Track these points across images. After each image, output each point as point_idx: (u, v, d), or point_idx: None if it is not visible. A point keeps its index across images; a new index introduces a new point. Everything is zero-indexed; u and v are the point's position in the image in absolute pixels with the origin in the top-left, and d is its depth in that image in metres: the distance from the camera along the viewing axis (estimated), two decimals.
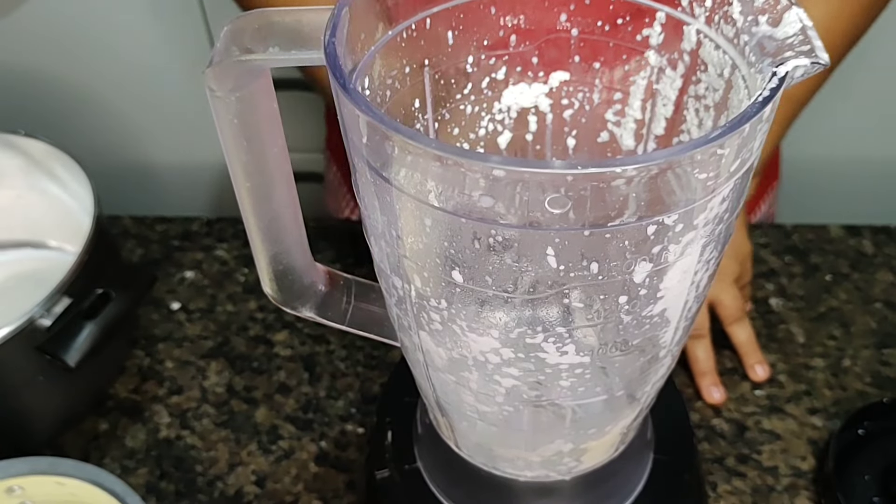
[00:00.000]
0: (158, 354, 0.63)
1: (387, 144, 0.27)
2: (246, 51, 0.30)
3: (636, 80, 0.37)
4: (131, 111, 0.88)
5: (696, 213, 0.27)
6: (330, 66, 0.28)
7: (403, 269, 0.32)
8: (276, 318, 0.65)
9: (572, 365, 0.32)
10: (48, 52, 0.83)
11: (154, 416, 0.59)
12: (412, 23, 0.33)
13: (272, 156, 0.35)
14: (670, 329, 0.33)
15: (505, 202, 0.26)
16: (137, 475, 0.56)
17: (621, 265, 0.28)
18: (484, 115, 0.39)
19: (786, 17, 0.28)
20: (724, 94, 0.32)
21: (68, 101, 0.87)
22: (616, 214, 0.26)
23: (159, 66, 0.83)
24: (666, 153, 0.25)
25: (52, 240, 0.68)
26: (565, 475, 0.41)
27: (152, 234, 0.72)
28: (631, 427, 0.40)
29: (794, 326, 0.63)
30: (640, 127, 0.38)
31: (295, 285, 0.40)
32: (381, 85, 0.34)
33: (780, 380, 0.60)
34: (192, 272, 0.69)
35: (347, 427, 0.58)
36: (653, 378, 0.36)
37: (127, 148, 0.91)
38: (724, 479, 0.54)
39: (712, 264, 0.32)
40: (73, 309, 0.51)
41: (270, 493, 0.55)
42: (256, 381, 0.61)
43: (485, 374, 0.34)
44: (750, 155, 0.28)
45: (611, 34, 0.36)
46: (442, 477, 0.44)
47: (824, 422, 0.57)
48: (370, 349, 0.63)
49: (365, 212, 0.32)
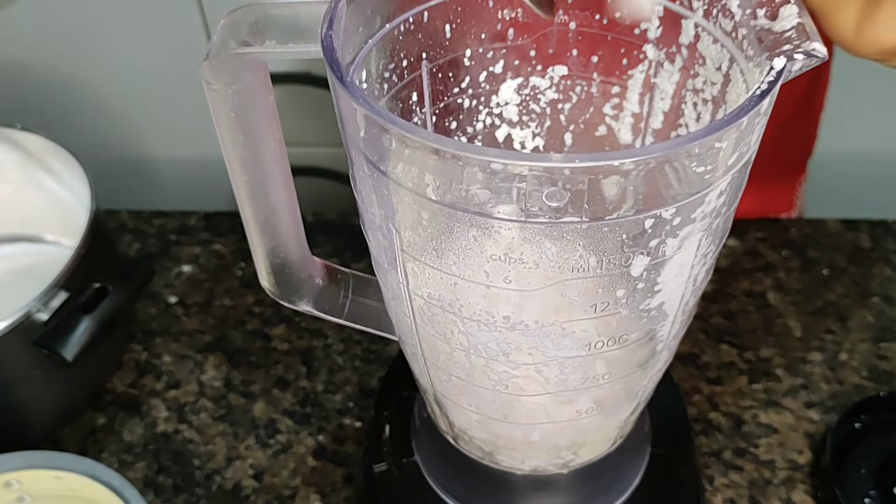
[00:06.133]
0: (156, 349, 0.63)
1: (384, 138, 0.27)
2: (243, 44, 0.30)
3: (634, 73, 0.37)
4: (128, 105, 0.87)
5: (694, 206, 0.27)
6: (327, 59, 0.28)
7: (401, 262, 0.32)
8: (273, 312, 0.65)
9: (570, 358, 0.32)
10: (44, 45, 0.82)
11: (152, 410, 0.59)
12: (410, 16, 0.33)
13: (269, 149, 0.35)
14: (668, 323, 0.33)
15: (502, 196, 0.26)
16: (135, 469, 0.56)
17: (619, 259, 0.28)
18: (482, 109, 0.39)
19: (783, 11, 0.28)
20: (722, 88, 0.32)
21: (65, 95, 0.86)
22: (614, 208, 0.26)
23: (156, 60, 0.83)
24: (663, 146, 0.25)
25: (48, 234, 0.68)
26: (563, 468, 0.41)
27: (149, 228, 0.72)
28: (628, 421, 0.40)
29: (791, 320, 0.63)
30: (637, 121, 0.38)
31: (292, 279, 0.40)
32: (378, 78, 0.34)
33: (777, 373, 0.60)
34: (189, 266, 0.69)
35: (345, 421, 0.58)
36: (650, 372, 0.36)
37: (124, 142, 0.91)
38: (721, 472, 0.55)
39: (710, 258, 0.32)
40: (70, 303, 0.51)
41: (268, 486, 0.55)
42: (254, 376, 0.61)
43: (483, 367, 0.34)
44: (748, 149, 0.28)
45: (609, 28, 0.36)
46: (440, 470, 0.44)
47: (821, 415, 0.57)
48: (368, 343, 0.63)
49: (362, 205, 0.32)
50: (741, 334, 0.62)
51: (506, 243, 0.28)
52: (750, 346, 0.61)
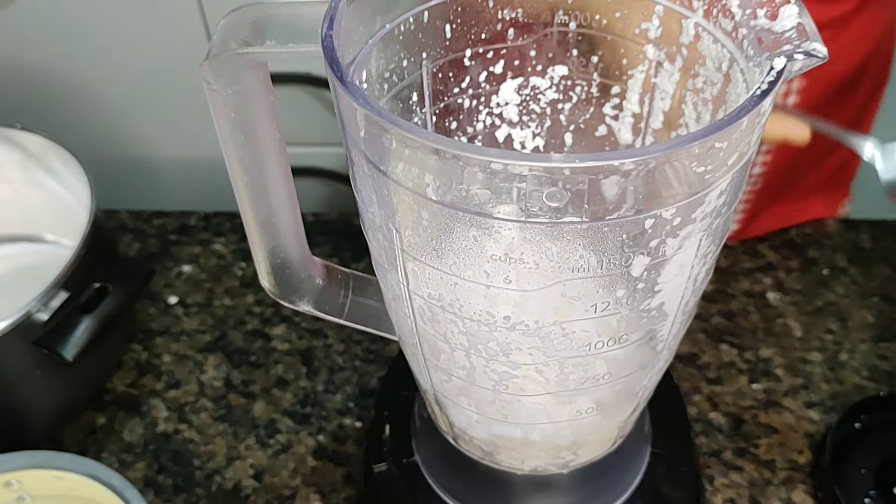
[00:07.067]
0: (156, 349, 0.63)
1: (384, 138, 0.27)
2: (243, 44, 0.30)
3: (634, 73, 0.37)
4: (128, 105, 0.87)
5: (694, 206, 0.27)
6: (327, 59, 0.28)
7: (401, 262, 0.32)
8: (273, 312, 0.65)
9: (570, 358, 0.32)
10: (44, 45, 0.82)
11: (152, 410, 0.59)
12: (410, 16, 0.33)
13: (269, 149, 0.35)
14: (668, 323, 0.33)
15: (503, 196, 0.26)
16: (135, 469, 0.56)
17: (619, 259, 0.28)
18: (482, 109, 0.39)
19: (783, 11, 0.28)
20: (723, 88, 0.32)
21: (65, 95, 0.86)
22: (614, 208, 0.26)
23: (156, 60, 0.83)
24: (664, 146, 0.25)
25: (49, 234, 0.68)
26: (563, 468, 0.41)
27: (149, 228, 0.72)
28: (628, 421, 0.40)
29: (791, 320, 0.63)
30: (637, 121, 0.38)
31: (292, 279, 0.40)
32: (378, 78, 0.34)
33: (777, 374, 0.60)
34: (189, 266, 0.69)
35: (345, 421, 0.58)
36: (650, 372, 0.36)
37: (124, 142, 0.91)
38: (721, 472, 0.55)
39: (710, 258, 0.32)
40: (70, 303, 0.51)
41: (268, 486, 0.55)
42: (254, 376, 0.61)
43: (483, 367, 0.34)
44: (748, 149, 0.28)
45: (608, 28, 0.36)
46: (440, 470, 0.44)
47: (821, 415, 0.57)
48: (368, 343, 0.63)
49: (362, 205, 0.32)
50: (741, 334, 0.62)
51: (506, 243, 0.28)
52: (750, 346, 0.61)
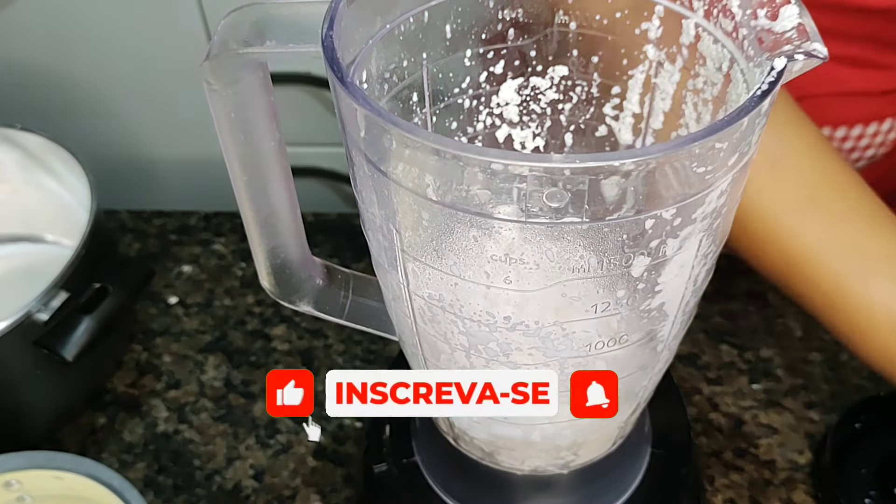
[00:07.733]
0: (156, 349, 0.63)
1: (385, 138, 0.27)
2: (243, 44, 0.30)
3: (634, 74, 0.37)
4: (128, 105, 0.87)
5: (695, 207, 0.27)
6: (327, 60, 0.28)
7: (401, 263, 0.32)
8: (273, 312, 0.65)
9: (570, 359, 0.32)
10: (44, 45, 0.82)
11: (152, 410, 0.59)
12: (410, 16, 0.33)
13: (269, 150, 0.35)
14: (668, 323, 0.33)
15: (503, 196, 0.26)
16: (135, 469, 0.56)
17: (619, 259, 0.28)
18: (482, 110, 0.39)
19: (784, 11, 0.28)
20: (723, 89, 0.32)
21: (65, 95, 0.86)
22: (614, 208, 0.26)
23: (156, 60, 0.83)
24: (664, 147, 0.25)
25: (49, 234, 0.68)
26: (563, 469, 0.41)
27: (150, 228, 0.72)
28: (629, 421, 0.40)
29: (791, 320, 0.63)
30: (638, 121, 0.38)
31: (292, 279, 0.40)
32: (378, 78, 0.34)
33: (777, 374, 0.60)
34: (189, 266, 0.69)
35: (345, 421, 0.58)
36: (650, 372, 0.36)
37: (124, 142, 0.91)
38: (721, 472, 0.55)
39: (710, 258, 0.32)
40: (70, 303, 0.51)
41: (268, 486, 0.55)
42: (254, 376, 0.61)
43: (483, 367, 0.34)
44: (748, 149, 0.28)
45: (609, 28, 0.36)
46: (440, 470, 0.44)
47: (821, 416, 0.57)
48: (368, 343, 0.63)
49: (363, 205, 0.32)
50: (741, 334, 0.62)
51: (506, 244, 0.28)
52: (750, 346, 0.61)
